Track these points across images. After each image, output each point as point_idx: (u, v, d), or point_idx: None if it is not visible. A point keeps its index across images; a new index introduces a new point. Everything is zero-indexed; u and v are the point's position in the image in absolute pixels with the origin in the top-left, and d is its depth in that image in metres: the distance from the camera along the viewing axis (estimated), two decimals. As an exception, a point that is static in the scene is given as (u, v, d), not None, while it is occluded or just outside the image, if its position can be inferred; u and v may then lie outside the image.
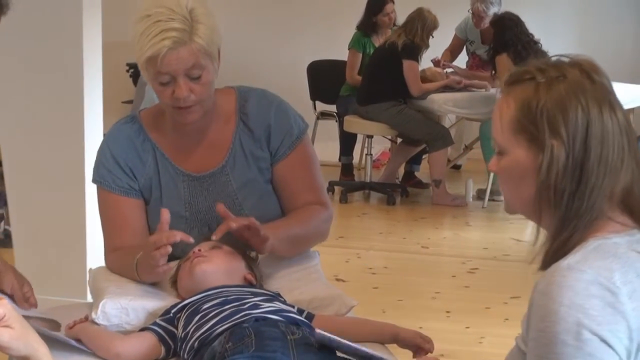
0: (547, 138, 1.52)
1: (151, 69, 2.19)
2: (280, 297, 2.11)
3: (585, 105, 1.52)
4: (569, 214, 1.53)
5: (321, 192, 2.46)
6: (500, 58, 6.46)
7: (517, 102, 1.57)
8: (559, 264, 1.47)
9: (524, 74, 1.59)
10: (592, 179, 1.52)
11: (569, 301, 1.42)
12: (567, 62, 1.59)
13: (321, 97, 7.72)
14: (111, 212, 2.37)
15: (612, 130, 1.53)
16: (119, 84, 7.69)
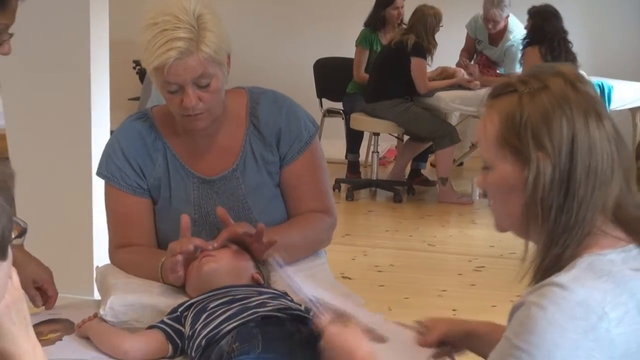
0: (532, 151, 1.49)
1: (159, 78, 2.18)
2: (287, 296, 2.11)
3: (570, 116, 1.49)
4: (557, 228, 1.50)
5: (326, 198, 2.44)
6: (532, 50, 6.43)
7: (500, 115, 1.53)
8: (551, 279, 1.45)
9: (507, 87, 1.56)
10: (580, 191, 1.49)
11: (551, 317, 1.39)
12: (550, 72, 1.56)
13: (328, 94, 7.72)
14: (118, 210, 2.37)
15: (599, 140, 1.50)
16: (126, 81, 7.70)
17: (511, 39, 7.12)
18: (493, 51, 7.32)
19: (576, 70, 1.58)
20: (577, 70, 1.59)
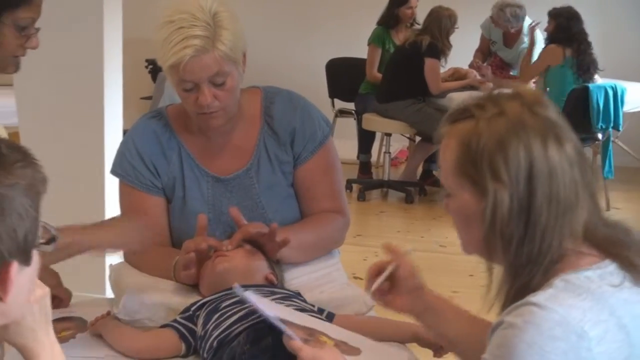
0: (489, 182, 1.46)
1: (174, 76, 2.17)
2: (300, 296, 2.10)
3: (527, 142, 1.45)
4: (520, 259, 1.47)
5: (339, 198, 2.44)
6: (555, 49, 6.40)
7: (457, 143, 1.50)
8: (528, 299, 1.41)
9: (464, 112, 1.52)
10: (542, 220, 1.45)
11: (531, 339, 1.36)
12: (508, 95, 1.52)
13: (340, 94, 7.71)
14: (132, 208, 2.36)
15: (560, 165, 1.46)
16: (138, 80, 7.71)
17: (526, 41, 7.10)
18: (507, 53, 7.30)
19: (536, 93, 1.54)
20: (539, 91, 1.56)
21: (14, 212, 1.16)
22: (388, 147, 7.07)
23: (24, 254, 1.20)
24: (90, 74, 4.01)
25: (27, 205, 1.19)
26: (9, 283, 1.19)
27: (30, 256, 1.23)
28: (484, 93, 5.05)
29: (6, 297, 1.20)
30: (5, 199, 1.15)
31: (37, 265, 1.27)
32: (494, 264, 1.55)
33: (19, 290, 1.22)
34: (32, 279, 1.27)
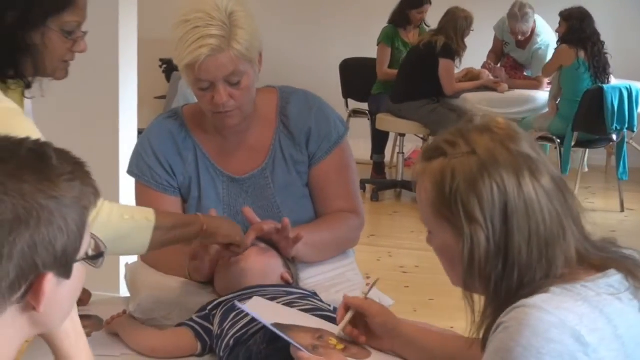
0: (464, 224, 1.43)
1: (190, 75, 2.18)
2: (316, 296, 2.10)
3: (500, 181, 1.43)
4: (499, 297, 1.45)
5: (354, 199, 2.43)
6: (568, 51, 6.38)
7: (431, 183, 1.48)
8: (525, 301, 1.39)
9: (436, 150, 1.50)
10: (521, 257, 1.43)
11: (527, 342, 1.35)
12: (479, 128, 1.49)
13: (353, 95, 7.70)
14: (149, 207, 2.37)
15: (537, 200, 1.43)
16: (152, 79, 7.72)
17: (539, 42, 7.09)
18: (520, 54, 7.28)
19: (508, 125, 1.51)
20: (511, 124, 1.52)
21: (52, 224, 1.16)
22: (402, 147, 7.06)
23: (62, 267, 1.20)
24: (105, 74, 4.02)
25: (70, 218, 1.18)
26: (41, 294, 1.18)
27: (70, 269, 1.22)
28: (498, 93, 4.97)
29: (39, 308, 1.19)
30: (44, 210, 1.15)
31: (80, 279, 1.26)
32: (472, 306, 1.53)
33: (57, 302, 1.22)
34: (73, 292, 1.26)
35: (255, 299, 1.95)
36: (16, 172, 1.16)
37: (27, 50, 1.98)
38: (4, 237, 1.12)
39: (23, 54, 1.98)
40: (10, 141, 1.22)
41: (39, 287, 1.18)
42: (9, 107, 1.91)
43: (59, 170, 1.19)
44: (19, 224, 1.13)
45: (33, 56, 1.99)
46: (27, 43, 1.97)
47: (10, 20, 1.95)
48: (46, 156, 1.20)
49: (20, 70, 2.01)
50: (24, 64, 2.00)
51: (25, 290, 1.18)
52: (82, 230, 1.22)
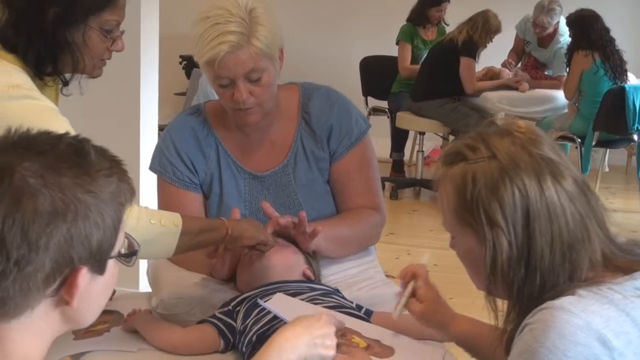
0: (486, 229, 1.43)
1: (210, 71, 2.19)
2: (339, 293, 2.10)
3: (522, 185, 1.42)
4: (522, 300, 1.45)
5: (375, 195, 2.43)
6: (585, 57, 6.35)
7: (453, 189, 1.48)
8: (551, 302, 1.39)
9: (457, 154, 1.50)
10: (544, 261, 1.42)
11: (551, 344, 1.34)
12: (500, 132, 1.49)
13: (373, 92, 7.70)
14: (170, 204, 2.36)
15: (559, 203, 1.43)
16: (172, 76, 7.73)
17: (561, 42, 7.05)
18: (542, 53, 7.25)
19: (529, 128, 1.50)
20: (532, 127, 1.51)
21: (89, 218, 1.17)
22: (421, 145, 7.04)
23: (96, 263, 1.21)
24: (126, 70, 4.02)
25: (107, 214, 1.19)
26: (75, 288, 1.19)
27: (105, 265, 1.23)
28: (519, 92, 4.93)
29: (72, 302, 1.20)
30: (81, 204, 1.16)
31: (113, 276, 1.27)
32: (496, 311, 1.53)
33: (90, 298, 1.23)
34: (106, 288, 1.27)
35: (279, 295, 1.95)
36: (55, 165, 1.17)
37: (66, 48, 1.99)
38: (42, 228, 1.13)
39: (62, 51, 1.99)
40: (49, 135, 1.23)
41: (73, 281, 1.19)
42: (47, 106, 1.93)
43: (97, 165, 1.20)
44: (57, 217, 1.14)
45: (72, 54, 2.00)
46: (68, 40, 1.99)
47: (52, 16, 1.96)
48: (85, 151, 1.21)
49: (59, 68, 2.02)
50: (62, 61, 2.01)
51: (60, 284, 1.19)
52: (118, 226, 1.23)
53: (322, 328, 1.59)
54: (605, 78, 6.33)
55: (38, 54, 1.98)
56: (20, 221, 1.12)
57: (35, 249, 1.13)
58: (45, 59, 1.99)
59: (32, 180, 1.14)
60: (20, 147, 1.18)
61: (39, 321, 1.20)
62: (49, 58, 1.99)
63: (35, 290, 1.16)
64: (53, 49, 1.99)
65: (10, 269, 1.13)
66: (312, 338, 1.57)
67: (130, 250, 1.30)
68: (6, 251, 1.12)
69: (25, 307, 1.18)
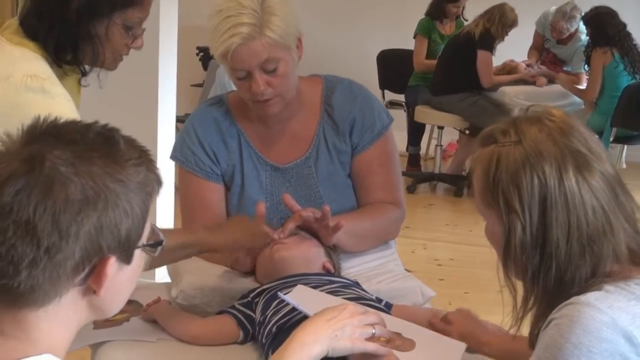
0: (503, 212, 1.45)
1: (226, 64, 2.19)
2: (359, 286, 2.10)
3: (542, 174, 1.43)
4: (537, 291, 1.45)
5: (396, 190, 2.42)
6: (604, 53, 6.32)
7: (481, 170, 1.50)
8: (577, 298, 1.39)
9: (490, 137, 1.51)
10: (560, 250, 1.42)
11: (577, 340, 1.34)
12: (530, 118, 1.50)
13: (390, 86, 7.68)
14: (192, 194, 2.38)
15: (579, 195, 1.42)
16: (189, 67, 7.73)
17: (582, 39, 7.02)
18: (561, 50, 7.23)
19: (561, 118, 1.50)
20: (566, 117, 1.51)
21: (119, 207, 1.17)
22: (440, 140, 7.02)
23: (124, 252, 1.21)
24: (145, 61, 4.02)
25: (135, 203, 1.19)
26: (103, 277, 1.19)
27: (132, 255, 1.23)
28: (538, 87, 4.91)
29: (100, 291, 1.20)
30: (111, 192, 1.16)
31: (139, 267, 1.27)
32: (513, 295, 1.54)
33: (117, 287, 1.23)
34: (132, 278, 1.27)
35: (299, 287, 1.95)
36: (86, 154, 1.17)
37: (89, 39, 1.99)
38: (72, 216, 1.13)
39: (84, 42, 2.00)
40: (79, 124, 1.23)
41: (101, 270, 1.19)
42: (59, 103, 1.93)
43: (126, 155, 1.20)
44: (87, 205, 1.14)
45: (94, 46, 2.00)
46: (90, 32, 1.99)
47: (76, 5, 1.96)
48: (114, 140, 1.21)
49: (79, 57, 2.02)
50: (83, 52, 2.01)
51: (88, 272, 1.19)
52: (145, 216, 1.23)
53: (346, 319, 1.59)
54: (624, 73, 6.30)
55: (58, 41, 1.99)
56: (51, 209, 1.12)
57: (66, 237, 1.13)
58: (66, 46, 1.99)
59: (63, 169, 1.14)
60: (50, 136, 1.18)
61: (66, 310, 1.20)
62: (69, 46, 2.00)
63: (64, 278, 1.16)
64: (74, 38, 1.99)
65: (40, 256, 1.13)
66: (334, 331, 1.57)
67: (156, 240, 1.30)
68: (37, 239, 1.12)
69: (54, 296, 1.18)
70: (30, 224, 1.11)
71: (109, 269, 1.19)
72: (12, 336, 1.18)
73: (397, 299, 2.15)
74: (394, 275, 2.29)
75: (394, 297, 2.14)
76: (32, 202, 1.12)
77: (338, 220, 2.17)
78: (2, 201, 1.12)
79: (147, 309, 2.12)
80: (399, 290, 2.20)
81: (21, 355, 1.16)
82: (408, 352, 1.78)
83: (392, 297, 2.14)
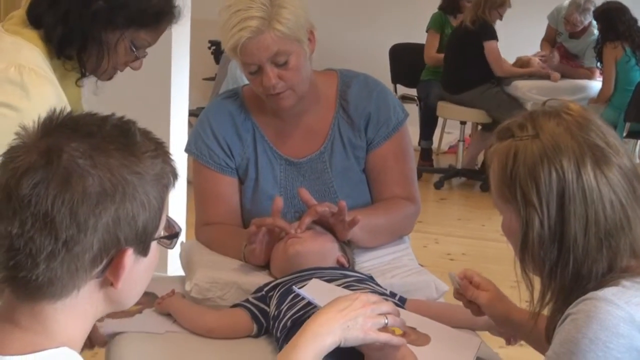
0: (521, 207, 1.45)
1: (237, 59, 2.20)
2: (373, 280, 2.09)
3: (560, 168, 1.42)
4: (555, 285, 1.45)
5: (411, 186, 2.42)
6: (616, 48, 6.31)
7: (497, 164, 1.50)
8: (594, 293, 1.38)
9: (507, 131, 1.51)
10: (578, 245, 1.42)
11: (594, 335, 1.34)
12: (550, 113, 1.49)
13: (402, 80, 7.66)
14: (206, 187, 2.38)
15: (597, 189, 1.42)
16: (201, 61, 7.73)
17: (595, 33, 7.00)
18: (574, 44, 7.20)
19: (579, 112, 1.49)
20: (584, 111, 1.50)
21: (136, 199, 1.17)
22: (462, 135, 6.98)
23: (141, 244, 1.21)
24: (158, 55, 4.01)
25: (152, 195, 1.19)
26: (121, 269, 1.19)
27: (149, 247, 1.23)
28: (551, 82, 4.88)
29: (117, 284, 1.20)
30: (129, 185, 1.16)
31: (155, 259, 1.27)
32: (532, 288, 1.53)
33: (133, 279, 1.23)
34: (148, 270, 1.27)
35: (314, 281, 1.95)
36: (103, 147, 1.17)
37: (97, 44, 1.98)
38: (90, 209, 1.13)
39: (92, 45, 1.98)
40: (95, 116, 1.23)
41: (119, 262, 1.19)
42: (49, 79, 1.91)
43: (143, 147, 1.20)
44: (105, 198, 1.14)
45: (100, 52, 1.99)
46: (102, 38, 1.97)
47: (96, 7, 1.94)
48: (131, 132, 1.21)
49: (82, 57, 2.00)
50: (88, 54, 1.99)
51: (106, 265, 1.19)
52: (162, 208, 1.23)
53: (358, 309, 1.59)
54: (636, 68, 6.29)
55: (66, 34, 1.96)
56: (69, 202, 1.12)
57: (84, 230, 1.13)
58: (72, 42, 1.97)
59: (81, 161, 1.14)
60: (67, 128, 1.18)
61: (83, 303, 1.20)
62: (76, 43, 1.97)
63: (82, 271, 1.16)
64: (84, 37, 1.97)
65: (59, 249, 1.13)
66: (346, 321, 1.56)
67: (172, 233, 1.30)
68: (55, 232, 1.12)
69: (72, 288, 1.18)
70: (49, 217, 1.12)
71: (126, 260, 1.19)
72: (29, 329, 1.18)
73: (411, 294, 2.14)
74: (408, 269, 2.28)
75: (408, 292, 2.14)
76: (50, 195, 1.12)
77: (354, 216, 2.16)
78: (20, 193, 1.12)
79: (161, 301, 2.12)
80: (413, 285, 2.20)
81: (38, 349, 1.16)
82: (423, 347, 1.77)
83: (406, 291, 2.14)
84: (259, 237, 2.16)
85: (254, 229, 2.15)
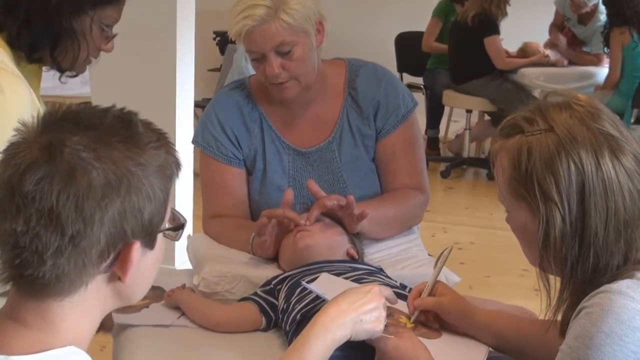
0: (540, 204, 1.41)
1: (243, 46, 2.19)
2: (382, 272, 2.08)
3: (578, 160, 1.39)
4: (575, 282, 1.42)
5: (420, 175, 2.40)
6: (623, 34, 6.28)
7: (509, 161, 1.46)
8: (609, 286, 1.36)
9: (514, 127, 1.47)
10: (598, 238, 1.39)
11: (609, 329, 1.32)
12: (558, 105, 1.45)
13: (408, 69, 7.64)
14: (213, 179, 2.36)
15: (616, 179, 1.39)
16: (206, 52, 7.71)
17: (601, 19, 6.96)
18: (581, 30, 7.17)
19: (589, 102, 1.46)
20: (592, 101, 1.47)
21: (141, 191, 1.15)
22: (468, 124, 6.96)
23: (148, 236, 1.19)
24: (163, 46, 4.02)
25: (157, 187, 1.17)
26: (129, 263, 1.18)
27: (155, 240, 1.21)
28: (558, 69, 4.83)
29: (125, 278, 1.19)
30: (134, 177, 1.14)
31: (161, 251, 1.25)
32: (548, 288, 1.50)
33: (140, 273, 1.21)
34: (155, 263, 1.25)
35: (324, 275, 1.93)
36: (106, 139, 1.15)
37: (71, 35, 1.93)
38: (96, 203, 1.11)
39: (66, 38, 1.93)
40: (95, 109, 1.21)
41: (126, 255, 1.17)
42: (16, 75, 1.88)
43: (145, 138, 1.18)
44: (111, 191, 1.12)
45: (74, 42, 1.94)
46: (74, 28, 1.93)
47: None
48: (133, 124, 1.19)
49: (54, 54, 1.95)
50: (63, 48, 1.95)
51: (113, 259, 1.17)
52: (167, 199, 1.21)
53: (369, 302, 1.57)
54: (641, 52, 6.26)
55: (36, 35, 1.92)
56: (74, 196, 1.10)
57: (90, 224, 1.11)
58: (44, 41, 1.93)
59: (84, 155, 1.12)
60: (68, 122, 1.16)
61: (91, 299, 1.19)
62: (47, 41, 1.93)
63: (90, 266, 1.15)
64: (56, 33, 1.93)
65: (65, 245, 1.11)
66: (358, 315, 1.55)
67: (177, 224, 1.28)
68: (61, 227, 1.10)
69: (80, 284, 1.16)
70: (54, 212, 1.10)
71: (134, 254, 1.17)
72: (36, 327, 1.16)
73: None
74: (417, 260, 2.26)
75: (417, 283, 2.11)
76: (54, 190, 1.10)
77: (363, 209, 2.15)
78: (24, 190, 1.10)
79: (171, 294, 2.11)
80: (423, 276, 2.15)
81: (45, 348, 1.14)
82: (434, 340, 1.75)
83: (417, 282, 2.09)
84: (268, 229, 2.14)
85: (264, 221, 2.13)
